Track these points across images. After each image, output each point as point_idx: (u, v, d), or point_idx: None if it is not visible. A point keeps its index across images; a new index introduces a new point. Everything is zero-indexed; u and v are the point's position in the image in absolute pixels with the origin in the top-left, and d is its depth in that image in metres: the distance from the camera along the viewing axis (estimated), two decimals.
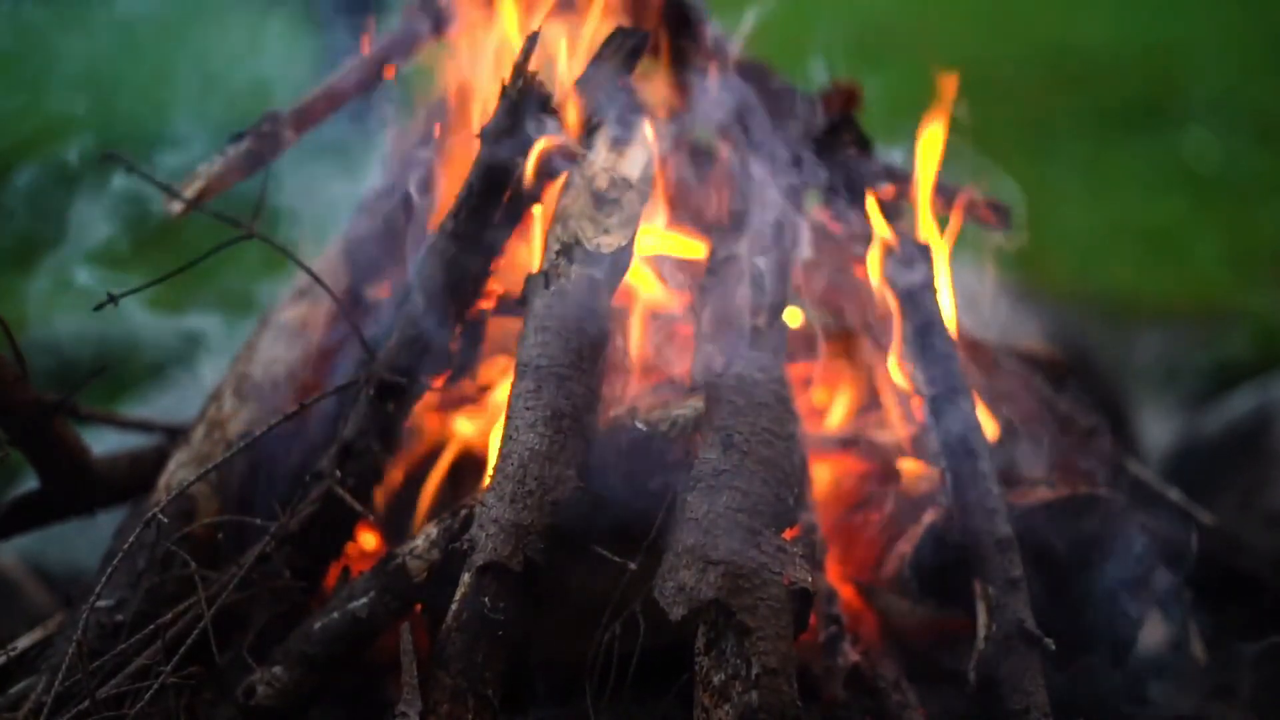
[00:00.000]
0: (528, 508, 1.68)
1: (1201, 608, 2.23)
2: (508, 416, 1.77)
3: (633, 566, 1.72)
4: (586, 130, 2.02)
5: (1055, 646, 1.81)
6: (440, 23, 2.34)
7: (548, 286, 1.84)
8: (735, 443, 1.74)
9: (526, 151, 1.94)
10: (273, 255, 1.98)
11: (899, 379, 2.14)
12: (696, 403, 1.85)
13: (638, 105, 2.10)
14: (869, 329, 2.22)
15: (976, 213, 2.26)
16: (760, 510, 1.68)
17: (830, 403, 2.30)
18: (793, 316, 2.28)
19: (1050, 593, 1.96)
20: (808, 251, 2.13)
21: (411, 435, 2.14)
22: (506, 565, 1.65)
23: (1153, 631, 2.17)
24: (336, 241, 2.39)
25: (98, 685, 1.72)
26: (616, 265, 1.88)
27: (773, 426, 1.78)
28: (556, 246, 1.88)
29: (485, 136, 1.94)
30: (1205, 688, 2.15)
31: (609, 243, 1.87)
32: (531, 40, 1.95)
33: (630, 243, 1.90)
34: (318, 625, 1.80)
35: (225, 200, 2.06)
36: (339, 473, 1.89)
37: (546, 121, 1.95)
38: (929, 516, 2.04)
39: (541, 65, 1.97)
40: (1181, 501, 2.46)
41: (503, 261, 2.02)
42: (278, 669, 1.78)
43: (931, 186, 2.25)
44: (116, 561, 1.81)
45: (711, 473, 1.71)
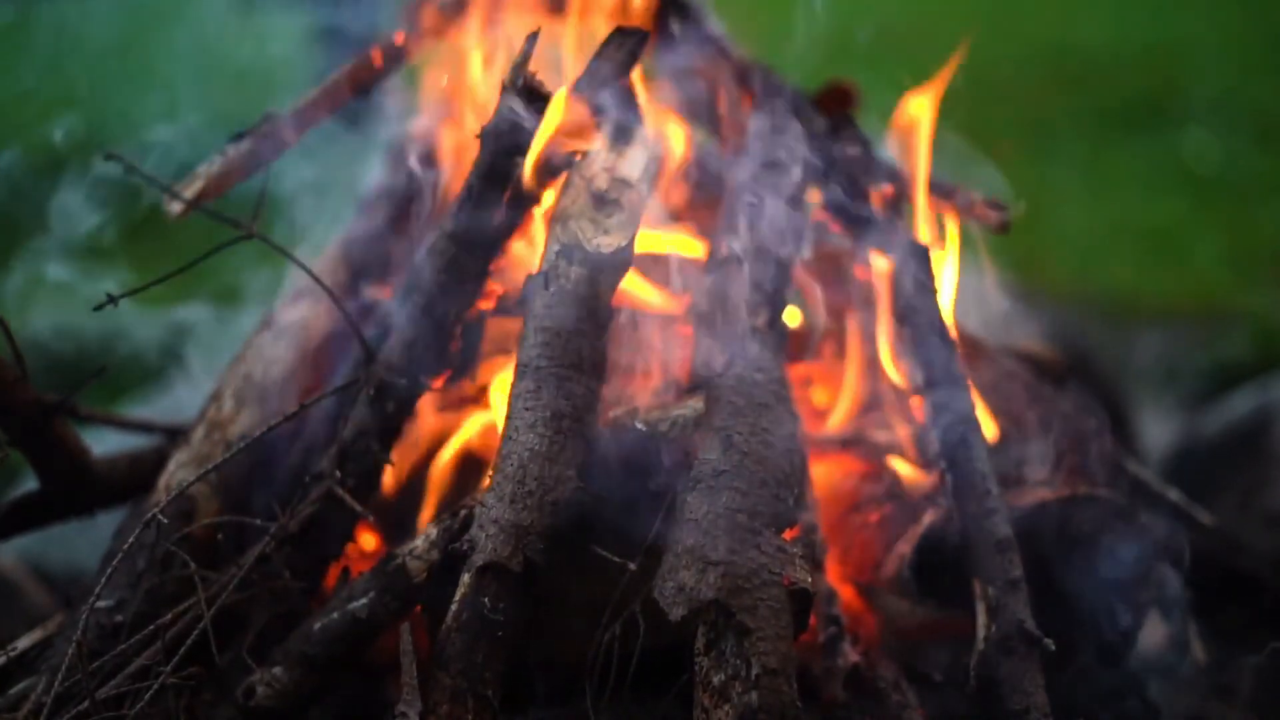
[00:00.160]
0: (527, 508, 1.68)
1: (1201, 608, 2.23)
2: (507, 417, 1.77)
3: (632, 567, 1.71)
4: (586, 131, 2.02)
5: (1055, 647, 1.81)
6: (440, 23, 2.34)
7: (548, 287, 1.84)
8: (735, 443, 1.74)
9: (526, 152, 1.94)
10: (269, 251, 1.98)
11: (897, 379, 2.14)
12: (696, 403, 1.85)
13: (638, 105, 2.10)
14: (868, 329, 2.22)
15: (975, 213, 2.26)
16: (760, 511, 1.68)
17: (830, 403, 2.30)
18: (792, 316, 2.29)
19: (1050, 593, 1.96)
20: (808, 251, 2.13)
21: (412, 436, 2.14)
22: (506, 566, 1.65)
23: (1153, 631, 2.17)
24: (336, 241, 2.39)
25: (97, 686, 1.72)
26: (616, 265, 1.88)
27: (772, 427, 1.78)
28: (556, 247, 1.88)
29: (485, 137, 1.94)
30: (1205, 688, 2.15)
31: (609, 243, 1.87)
32: (531, 40, 1.95)
33: (630, 243, 1.90)
34: (317, 626, 1.80)
35: (224, 198, 2.06)
36: (339, 473, 1.89)
37: (546, 121, 1.95)
38: (929, 517, 2.04)
39: (541, 65, 1.97)
40: (1181, 502, 2.45)
41: (503, 261, 2.02)
42: (277, 669, 1.78)
43: (926, 184, 2.24)
44: (116, 562, 1.81)
45: (711, 473, 1.71)
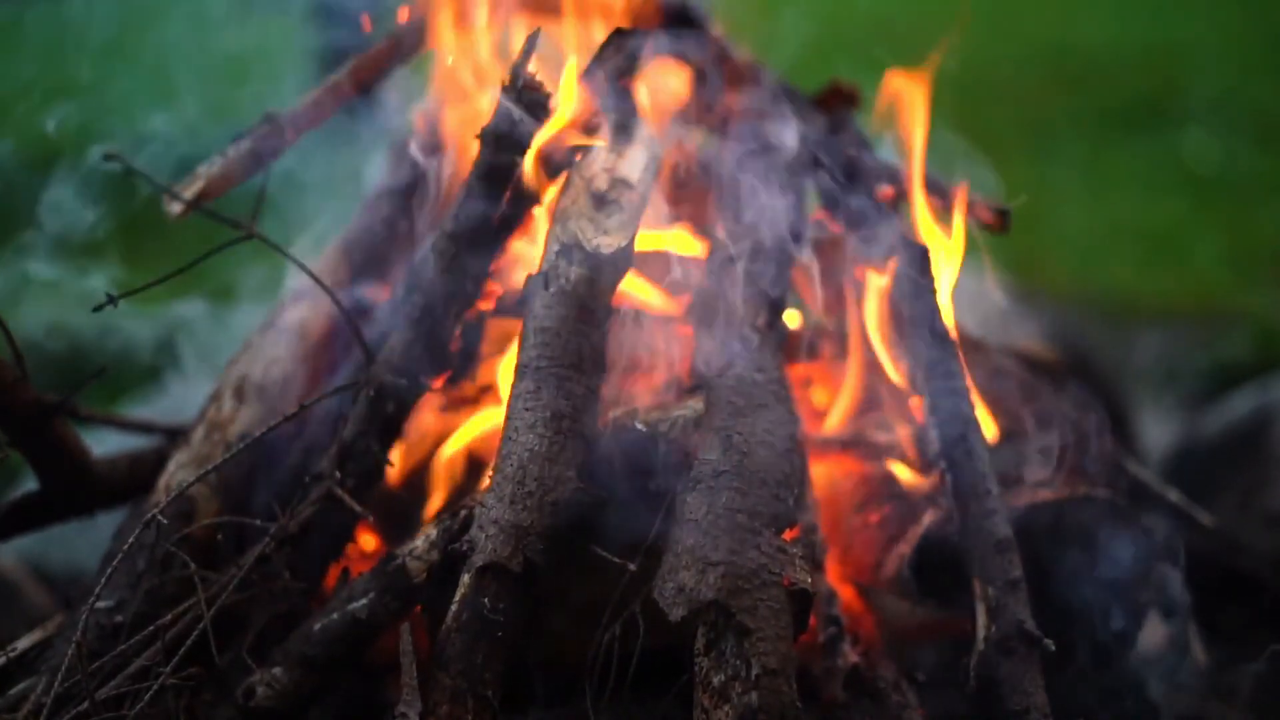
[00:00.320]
0: (527, 509, 1.68)
1: (1201, 608, 2.23)
2: (507, 417, 1.77)
3: (632, 567, 1.71)
4: (586, 131, 2.02)
5: (1055, 647, 1.81)
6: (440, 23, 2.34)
7: (547, 287, 1.84)
8: (735, 443, 1.74)
9: (526, 152, 1.94)
10: (267, 249, 1.98)
11: (897, 379, 2.14)
12: (696, 403, 1.85)
13: (637, 106, 2.10)
14: (868, 329, 2.22)
15: (974, 213, 2.26)
16: (760, 511, 1.68)
17: (830, 403, 2.30)
18: (792, 317, 2.29)
19: (1050, 593, 1.96)
20: (807, 251, 2.13)
21: (412, 436, 2.14)
22: (506, 566, 1.65)
23: (1153, 632, 2.17)
24: (336, 242, 2.39)
25: (97, 686, 1.72)
26: (616, 266, 1.88)
27: (772, 427, 1.78)
28: (556, 247, 1.88)
29: (485, 137, 1.94)
30: (1205, 688, 2.15)
31: (609, 243, 1.87)
32: (531, 40, 1.95)
33: (630, 243, 1.90)
34: (317, 626, 1.80)
35: (224, 198, 2.06)
36: (339, 474, 1.89)
37: (546, 122, 1.95)
38: (929, 517, 2.04)
39: (542, 66, 1.97)
40: (1181, 502, 2.45)
41: (503, 261, 2.02)
42: (277, 670, 1.78)
43: (923, 183, 2.24)
44: (116, 562, 1.81)
45: (711, 473, 1.71)
